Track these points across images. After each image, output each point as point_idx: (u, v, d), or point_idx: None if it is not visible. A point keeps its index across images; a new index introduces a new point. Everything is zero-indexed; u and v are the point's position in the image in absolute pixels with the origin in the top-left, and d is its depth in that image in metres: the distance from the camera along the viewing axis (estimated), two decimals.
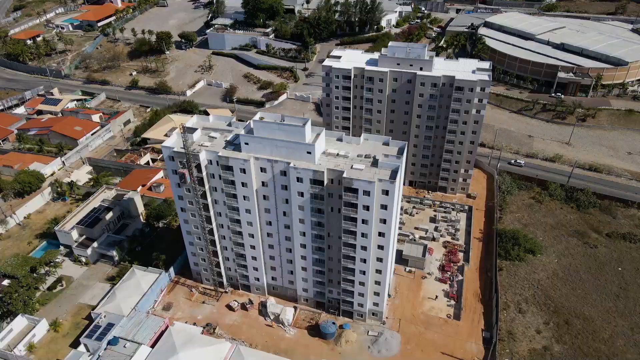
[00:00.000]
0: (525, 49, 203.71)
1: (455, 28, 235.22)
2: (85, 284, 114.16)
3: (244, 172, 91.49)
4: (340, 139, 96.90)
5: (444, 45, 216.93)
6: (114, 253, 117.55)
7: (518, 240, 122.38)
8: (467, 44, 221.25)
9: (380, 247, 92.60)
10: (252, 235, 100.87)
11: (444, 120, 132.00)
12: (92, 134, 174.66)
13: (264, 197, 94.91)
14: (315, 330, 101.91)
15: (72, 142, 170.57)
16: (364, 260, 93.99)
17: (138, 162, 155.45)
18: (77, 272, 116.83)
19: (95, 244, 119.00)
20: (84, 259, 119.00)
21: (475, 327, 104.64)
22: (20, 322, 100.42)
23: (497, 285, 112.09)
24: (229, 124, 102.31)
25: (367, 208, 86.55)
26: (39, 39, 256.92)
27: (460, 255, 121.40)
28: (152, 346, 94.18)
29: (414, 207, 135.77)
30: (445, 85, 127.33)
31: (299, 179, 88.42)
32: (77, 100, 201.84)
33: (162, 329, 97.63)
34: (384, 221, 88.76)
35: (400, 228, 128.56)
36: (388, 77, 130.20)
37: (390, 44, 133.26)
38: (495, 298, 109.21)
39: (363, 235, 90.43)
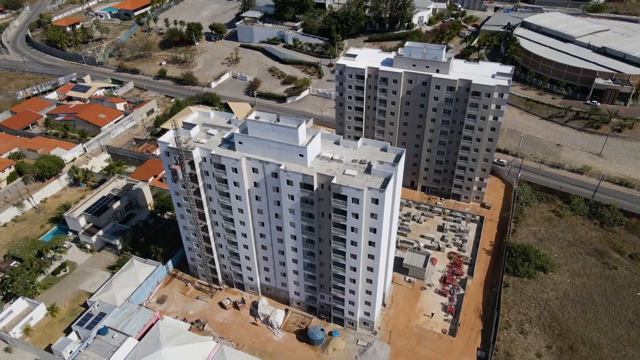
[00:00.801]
0: (562, 52, 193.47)
1: (490, 27, 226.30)
2: (88, 271, 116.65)
3: (236, 172, 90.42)
4: (337, 142, 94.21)
5: (476, 45, 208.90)
6: (118, 242, 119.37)
7: (529, 256, 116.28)
8: (501, 45, 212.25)
9: (371, 257, 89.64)
10: (244, 235, 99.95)
11: (459, 125, 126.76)
12: (115, 122, 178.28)
13: (257, 198, 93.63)
14: (304, 335, 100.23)
15: (96, 129, 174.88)
16: (354, 269, 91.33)
17: (154, 153, 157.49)
18: (81, 259, 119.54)
19: (100, 232, 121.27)
20: (89, 246, 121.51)
21: (471, 345, 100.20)
22: (20, 305, 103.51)
23: (499, 302, 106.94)
24: (229, 122, 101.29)
25: (356, 216, 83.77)
26: (78, 26, 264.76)
27: (465, 267, 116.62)
28: (141, 338, 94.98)
29: (422, 214, 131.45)
30: (461, 89, 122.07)
31: (289, 182, 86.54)
32: (106, 88, 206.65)
33: (151, 322, 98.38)
34: (374, 230, 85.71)
35: (405, 235, 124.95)
36: (402, 79, 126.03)
37: (407, 44, 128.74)
38: (496, 316, 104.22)
39: (353, 243, 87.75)
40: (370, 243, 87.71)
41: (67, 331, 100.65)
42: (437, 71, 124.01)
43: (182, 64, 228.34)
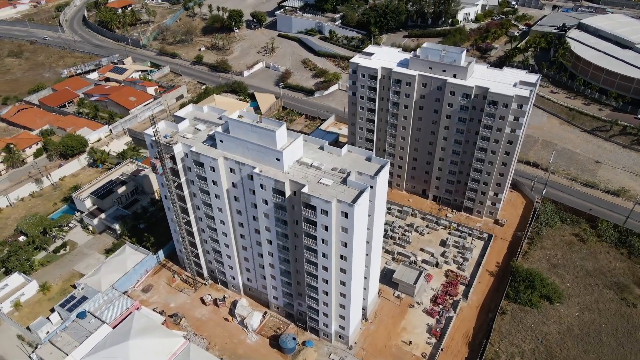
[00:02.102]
0: (618, 58, 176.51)
1: (543, 28, 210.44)
2: (86, 252, 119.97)
3: (214, 171, 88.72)
4: (322, 148, 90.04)
5: (521, 47, 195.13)
6: (117, 227, 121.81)
7: (533, 283, 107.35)
8: (551, 48, 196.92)
9: (343, 271, 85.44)
10: (225, 234, 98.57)
11: (474, 135, 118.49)
12: (144, 106, 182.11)
13: (235, 199, 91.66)
14: (277, 341, 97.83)
15: (125, 111, 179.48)
16: (326, 281, 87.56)
17: None
18: (82, 240, 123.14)
19: (102, 215, 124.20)
20: (91, 228, 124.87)
21: None
22: (15, 280, 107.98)
23: (492, 329, 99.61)
24: (220, 117, 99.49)
25: (325, 228, 79.80)
26: (129, 8, 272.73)
27: (462, 288, 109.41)
28: (116, 327, 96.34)
29: (427, 226, 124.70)
30: (478, 97, 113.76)
31: (262, 186, 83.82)
32: (142, 71, 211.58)
33: (130, 311, 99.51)
34: (345, 244, 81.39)
35: (403, 247, 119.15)
36: (416, 82, 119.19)
37: (424, 45, 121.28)
38: (484, 344, 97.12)
39: (324, 255, 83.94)
40: (342, 257, 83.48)
41: (54, 310, 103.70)
42: (455, 76, 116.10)
43: (220, 51, 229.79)
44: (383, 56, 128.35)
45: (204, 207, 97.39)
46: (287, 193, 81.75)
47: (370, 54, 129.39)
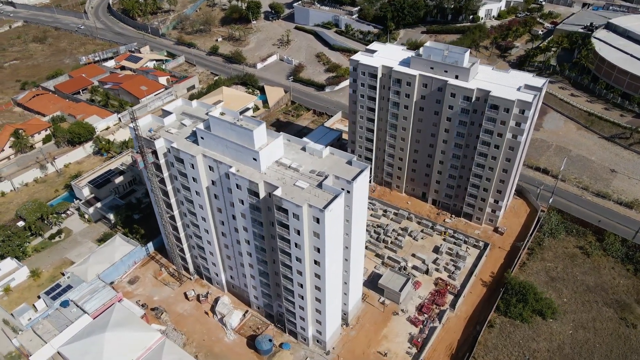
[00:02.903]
0: None
1: (569, 27, 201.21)
2: (79, 240, 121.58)
3: (193, 168, 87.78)
4: (304, 149, 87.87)
5: (542, 47, 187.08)
6: (111, 217, 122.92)
7: (525, 296, 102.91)
8: (576, 48, 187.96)
9: (317, 276, 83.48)
10: (207, 231, 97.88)
11: (475, 139, 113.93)
12: (155, 95, 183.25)
13: (215, 196, 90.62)
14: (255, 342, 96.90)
15: (136, 100, 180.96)
16: (301, 285, 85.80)
17: None
18: (77, 228, 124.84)
19: (98, 204, 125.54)
20: (87, 216, 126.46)
21: None
22: (8, 265, 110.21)
23: (476, 342, 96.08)
24: (207, 113, 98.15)
25: (297, 232, 77.89)
26: None
27: (450, 298, 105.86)
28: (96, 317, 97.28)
29: (422, 231, 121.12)
30: (479, 100, 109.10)
31: (238, 186, 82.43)
32: (157, 60, 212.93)
33: (112, 302, 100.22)
34: (317, 250, 79.35)
35: (395, 252, 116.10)
36: (417, 82, 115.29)
37: (426, 44, 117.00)
38: (466, 357, 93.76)
39: (297, 259, 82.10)
40: (316, 262, 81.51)
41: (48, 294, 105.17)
42: (457, 77, 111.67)
43: (236, 42, 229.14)
44: (386, 54, 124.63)
45: (187, 203, 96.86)
46: (262, 194, 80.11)
47: (373, 52, 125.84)
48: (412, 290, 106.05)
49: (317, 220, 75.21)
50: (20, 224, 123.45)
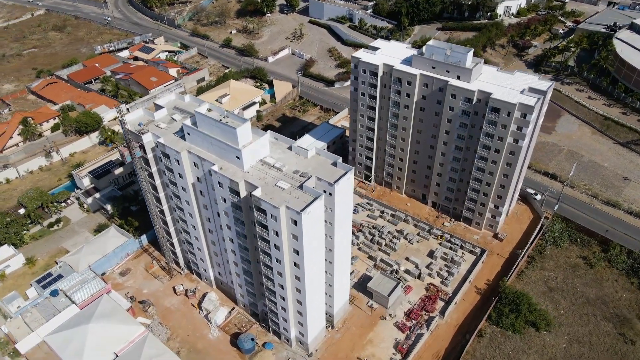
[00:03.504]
0: None
1: (591, 26, 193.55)
2: (77, 230, 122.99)
3: (179, 163, 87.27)
4: (290, 148, 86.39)
5: (561, 46, 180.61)
6: (109, 207, 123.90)
7: (519, 306, 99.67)
8: (597, 49, 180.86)
9: (297, 278, 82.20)
10: (194, 227, 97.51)
11: (475, 142, 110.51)
12: (164, 87, 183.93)
13: (201, 193, 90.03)
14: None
15: (146, 91, 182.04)
16: (282, 286, 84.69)
17: None
18: (76, 217, 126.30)
19: (97, 195, 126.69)
20: (85, 206, 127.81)
21: None
22: (4, 252, 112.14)
23: (464, 351, 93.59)
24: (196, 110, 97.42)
25: (276, 233, 76.64)
26: None
27: (441, 305, 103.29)
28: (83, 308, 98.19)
29: (418, 234, 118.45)
30: (480, 102, 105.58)
31: (220, 184, 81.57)
32: (170, 51, 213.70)
33: (101, 294, 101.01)
34: (296, 252, 78.01)
35: (388, 254, 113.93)
36: (417, 81, 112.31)
37: (429, 42, 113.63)
38: None
39: (277, 260, 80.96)
40: (295, 264, 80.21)
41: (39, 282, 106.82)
42: (458, 77, 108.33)
43: (250, 35, 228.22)
44: (389, 52, 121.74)
45: (175, 199, 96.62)
46: (242, 193, 79.04)
47: (376, 49, 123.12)
48: (402, 295, 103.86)
49: (295, 223, 73.78)
50: (22, 211, 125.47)
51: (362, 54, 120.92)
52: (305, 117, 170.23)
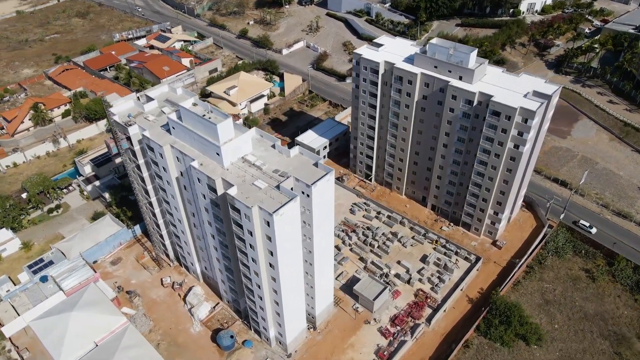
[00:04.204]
0: None
1: (618, 26, 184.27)
2: (75, 216, 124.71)
3: (162, 157, 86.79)
4: (273, 146, 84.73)
5: (584, 47, 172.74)
6: (107, 196, 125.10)
7: (509, 318, 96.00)
8: (622, 51, 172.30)
9: (273, 279, 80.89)
10: (180, 221, 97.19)
11: (476, 145, 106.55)
12: (176, 76, 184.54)
13: (185, 188, 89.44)
14: None
15: (157, 80, 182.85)
16: (259, 286, 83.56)
17: None
18: (76, 204, 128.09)
19: (97, 183, 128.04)
20: (85, 194, 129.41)
21: None
22: (2, 235, 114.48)
23: None
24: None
25: (250, 233, 75.40)
26: None
27: (428, 312, 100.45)
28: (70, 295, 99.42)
29: (413, 237, 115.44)
30: (481, 104, 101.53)
31: (199, 180, 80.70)
32: (185, 41, 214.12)
33: (89, 282, 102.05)
34: (271, 253, 76.62)
35: (380, 257, 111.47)
36: (418, 81, 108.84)
37: (432, 41, 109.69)
38: None
39: (253, 260, 79.79)
40: (271, 265, 78.88)
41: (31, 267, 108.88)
42: (460, 78, 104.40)
43: (267, 26, 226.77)
44: (392, 49, 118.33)
45: (161, 192, 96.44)
46: (220, 191, 77.98)
47: (379, 45, 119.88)
48: (389, 299, 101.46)
49: (268, 224, 72.30)
50: (25, 195, 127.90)
51: (364, 51, 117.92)
52: (313, 111, 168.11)
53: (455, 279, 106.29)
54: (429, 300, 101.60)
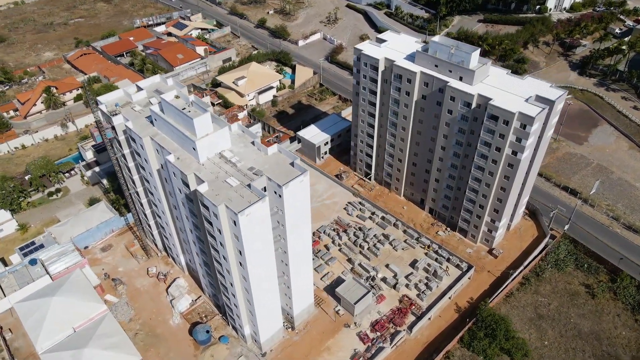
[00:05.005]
0: None
1: None
2: (73, 201, 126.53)
3: (143, 149, 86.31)
4: (253, 143, 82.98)
5: (611, 48, 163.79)
6: (105, 182, 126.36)
7: (495, 332, 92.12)
8: None
9: (243, 278, 79.60)
10: (164, 213, 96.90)
11: (474, 150, 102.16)
12: (189, 64, 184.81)
13: (166, 180, 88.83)
14: None
15: (171, 68, 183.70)
16: (232, 284, 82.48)
17: None
18: (75, 188, 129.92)
19: (97, 168, 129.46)
20: (85, 179, 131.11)
21: None
22: (1, 216, 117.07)
23: None
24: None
25: (219, 231, 74.15)
26: None
27: (411, 319, 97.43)
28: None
29: (405, 241, 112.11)
30: (480, 107, 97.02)
31: (174, 174, 79.84)
32: (202, 29, 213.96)
33: (75, 268, 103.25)
34: (240, 252, 75.24)
35: (368, 259, 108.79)
36: (417, 80, 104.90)
37: (433, 39, 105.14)
38: None
39: (224, 257, 78.64)
40: (240, 264, 77.56)
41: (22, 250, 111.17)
42: (461, 79, 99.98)
43: (286, 16, 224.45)
44: (395, 45, 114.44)
45: (146, 182, 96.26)
46: (192, 186, 76.91)
47: (383, 41, 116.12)
48: (372, 303, 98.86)
49: (235, 223, 70.80)
50: (27, 177, 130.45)
51: (366, 46, 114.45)
52: (321, 105, 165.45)
53: (444, 287, 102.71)
54: (413, 307, 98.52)
